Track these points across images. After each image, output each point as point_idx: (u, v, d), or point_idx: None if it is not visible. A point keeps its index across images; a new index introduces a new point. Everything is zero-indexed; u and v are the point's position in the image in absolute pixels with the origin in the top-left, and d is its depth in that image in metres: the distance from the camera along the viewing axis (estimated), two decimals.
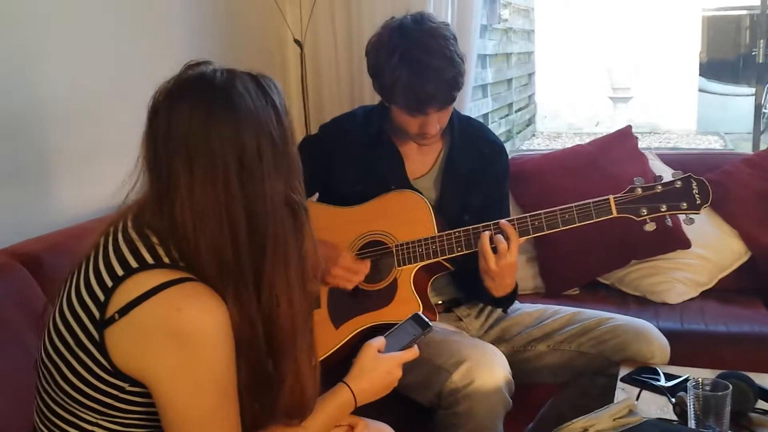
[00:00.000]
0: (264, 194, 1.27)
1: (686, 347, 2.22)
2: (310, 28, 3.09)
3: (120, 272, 1.24)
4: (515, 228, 1.97)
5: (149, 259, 1.25)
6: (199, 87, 1.28)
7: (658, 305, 2.73)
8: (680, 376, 1.92)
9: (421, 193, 2.15)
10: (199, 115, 1.25)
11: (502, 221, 1.98)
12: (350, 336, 2.09)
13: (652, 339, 2.07)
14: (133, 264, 1.24)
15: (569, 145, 5.10)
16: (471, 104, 5.40)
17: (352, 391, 1.52)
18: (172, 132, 1.25)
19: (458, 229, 2.04)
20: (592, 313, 2.19)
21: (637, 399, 1.84)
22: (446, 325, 2.17)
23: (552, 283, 2.88)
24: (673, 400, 1.74)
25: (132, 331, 1.21)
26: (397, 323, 1.76)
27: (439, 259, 2.06)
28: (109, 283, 1.24)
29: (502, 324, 2.23)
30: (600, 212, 1.96)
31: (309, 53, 3.13)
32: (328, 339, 2.08)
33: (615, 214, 1.96)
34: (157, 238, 1.27)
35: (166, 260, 1.25)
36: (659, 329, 2.17)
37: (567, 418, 2.11)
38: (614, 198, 1.96)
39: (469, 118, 2.36)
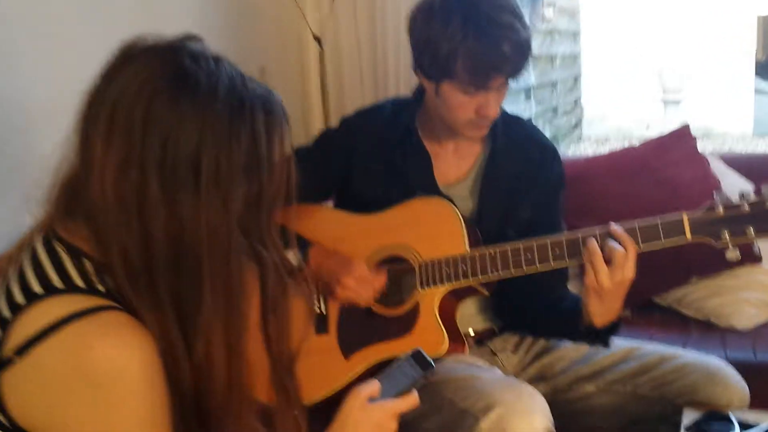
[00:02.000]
0: (207, 224, 1.03)
1: (762, 384, 1.84)
2: (330, 24, 2.86)
3: (20, 300, 1.01)
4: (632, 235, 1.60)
5: (56, 282, 1.02)
6: (170, 58, 1.04)
7: (725, 331, 2.38)
8: (757, 425, 1.58)
9: (451, 201, 1.83)
10: (154, 88, 1.01)
11: (613, 225, 1.61)
12: (363, 369, 1.78)
13: (728, 382, 1.73)
14: (36, 288, 1.01)
15: None
16: (513, 108, 5.17)
17: None
18: (108, 92, 1.03)
19: (494, 246, 1.72)
20: (652, 349, 1.85)
21: None
22: (477, 360, 1.83)
23: None
24: None
25: (34, 375, 0.98)
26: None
27: (470, 282, 1.74)
28: (7, 315, 1.01)
29: (543, 359, 1.90)
30: (670, 234, 1.61)
31: (329, 51, 2.90)
32: (337, 371, 1.78)
33: (689, 238, 1.60)
34: (67, 250, 1.04)
35: (79, 282, 1.03)
36: (728, 361, 1.82)
37: None
38: (689, 218, 1.60)
39: (517, 117, 2.02)
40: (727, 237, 1.58)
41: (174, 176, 1.01)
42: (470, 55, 1.68)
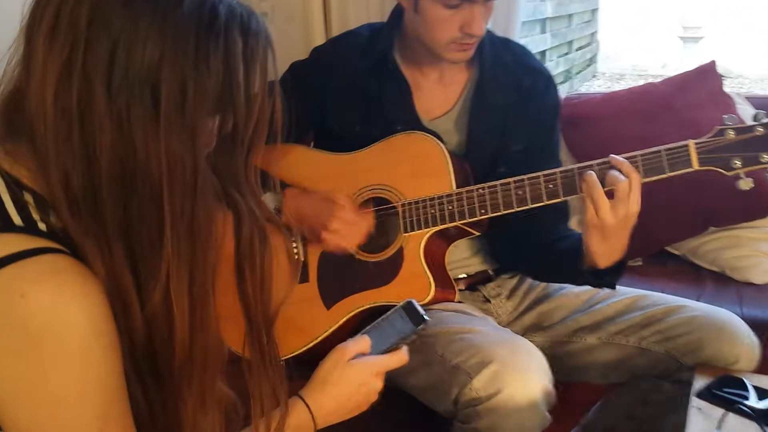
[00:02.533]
0: (168, 153, 0.88)
1: None
2: None
3: None
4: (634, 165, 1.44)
5: None
6: None
7: (742, 285, 2.22)
8: None
9: (437, 135, 1.66)
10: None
11: (614, 156, 1.45)
12: (344, 319, 1.63)
13: (737, 337, 1.58)
14: None
15: None
16: (527, 39, 4.94)
17: (309, 410, 1.12)
18: None
19: (483, 185, 1.56)
20: (659, 298, 1.69)
21: (719, 427, 1.37)
22: (469, 309, 1.69)
23: None
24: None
25: None
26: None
27: (457, 223, 1.58)
28: None
29: (540, 307, 1.75)
30: (675, 164, 1.44)
31: (278, 28, 2.60)
32: (318, 321, 1.64)
33: (696, 167, 1.44)
34: (4, 181, 0.90)
35: (16, 219, 0.87)
36: (743, 318, 1.68)
37: (622, 431, 1.69)
38: (696, 144, 1.44)
39: (507, 40, 1.83)
40: (739, 164, 1.42)
41: (125, 90, 0.86)
42: None
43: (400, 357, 1.17)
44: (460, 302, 1.69)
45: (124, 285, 0.90)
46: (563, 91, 3.81)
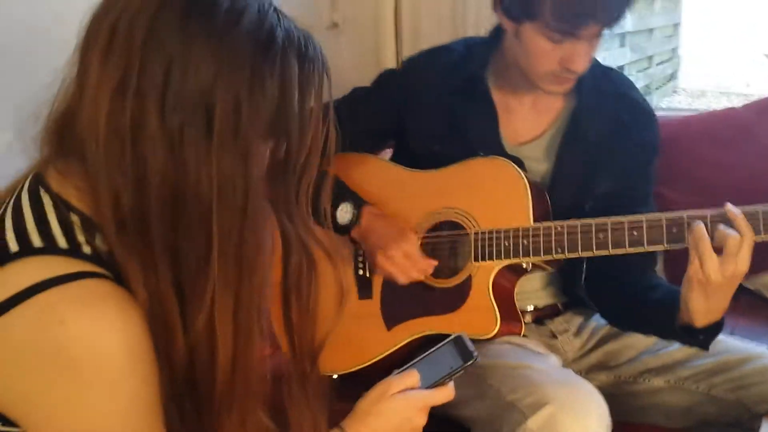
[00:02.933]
0: (220, 176, 0.87)
1: None
2: (347, 6, 2.59)
3: None
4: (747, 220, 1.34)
5: (35, 239, 0.86)
6: None
7: None
8: None
9: (520, 161, 1.61)
10: (161, 3, 0.87)
11: (730, 206, 1.35)
12: (404, 343, 1.61)
13: None
14: (12, 245, 0.86)
15: (715, 105, 4.42)
16: (605, 54, 4.83)
17: None
18: (112, 8, 0.88)
19: (562, 223, 1.49)
20: (733, 345, 1.61)
21: None
22: (534, 344, 1.64)
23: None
24: None
25: (1, 349, 0.83)
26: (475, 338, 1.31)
27: (531, 260, 1.53)
28: None
29: (608, 346, 1.68)
30: None
31: (348, 38, 2.61)
32: (377, 342, 1.62)
33: None
34: (53, 201, 0.90)
35: (61, 241, 0.87)
36: None
37: None
38: None
39: (609, 69, 1.74)
40: None
41: (179, 110, 0.86)
42: None
43: (446, 393, 1.14)
44: (525, 336, 1.64)
45: (169, 308, 0.89)
46: None
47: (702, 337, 1.47)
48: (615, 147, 1.63)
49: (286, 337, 1.06)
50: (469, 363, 1.13)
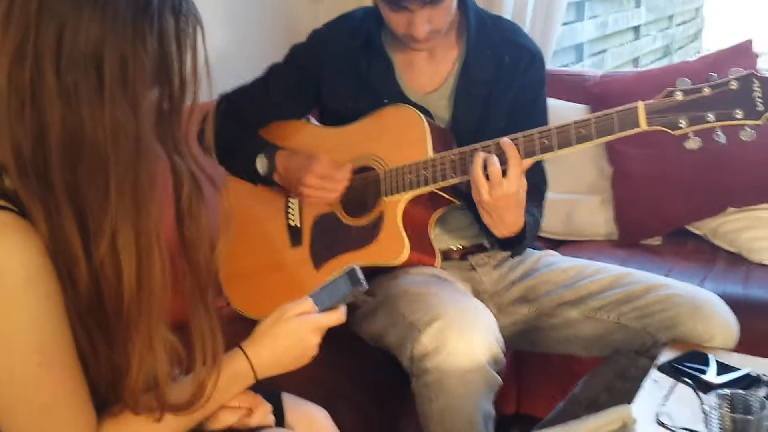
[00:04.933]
0: (113, 124, 0.99)
1: None
2: None
3: None
4: (518, 147, 1.54)
5: None
6: None
7: (753, 266, 2.18)
8: (738, 369, 1.45)
9: (426, 110, 1.74)
10: None
11: (502, 139, 1.56)
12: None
13: (712, 315, 1.59)
14: None
15: None
16: (617, 15, 4.78)
17: (248, 359, 1.20)
18: None
19: (453, 151, 1.63)
20: (642, 277, 1.72)
21: (666, 398, 1.39)
22: (448, 275, 1.76)
23: (628, 229, 2.38)
24: (706, 407, 1.27)
25: None
26: (387, 264, 1.54)
27: (431, 188, 1.65)
28: None
29: (528, 281, 1.79)
30: (625, 124, 1.49)
31: (328, 8, 2.67)
32: (307, 281, 1.74)
33: (644, 127, 1.48)
34: None
35: None
36: (744, 298, 1.67)
37: (601, 403, 1.72)
38: (645, 105, 1.48)
39: (498, 17, 1.89)
40: (684, 124, 1.45)
41: (72, 69, 0.97)
42: None
43: (337, 316, 1.24)
44: (442, 269, 1.75)
45: (71, 240, 1.00)
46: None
47: (505, 246, 1.72)
48: (501, 88, 1.77)
49: (184, 255, 1.15)
50: (357, 288, 1.23)
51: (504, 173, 1.52)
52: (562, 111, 2.45)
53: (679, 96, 1.46)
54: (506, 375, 1.99)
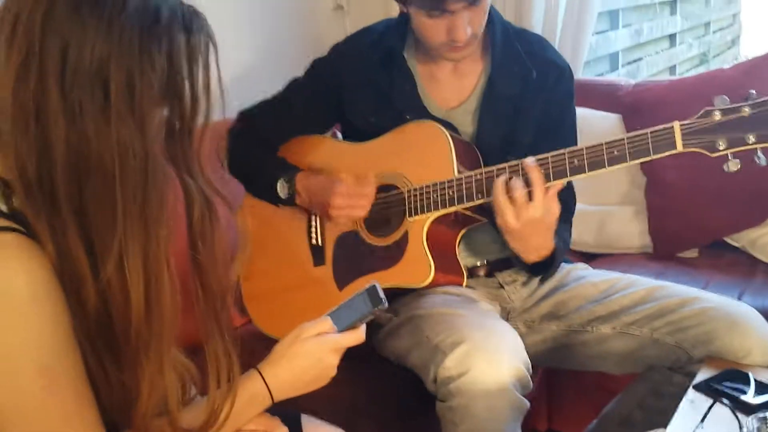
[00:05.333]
0: (119, 143, 0.97)
1: None
2: None
3: None
4: (542, 170, 1.50)
5: None
6: None
7: None
8: None
9: (451, 125, 1.70)
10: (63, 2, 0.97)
11: (526, 160, 1.51)
12: None
13: (750, 330, 1.53)
14: None
15: None
16: (652, 23, 4.70)
17: (264, 381, 1.18)
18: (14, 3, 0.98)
19: (478, 170, 1.59)
20: (676, 290, 1.66)
21: (703, 420, 1.33)
22: (477, 294, 1.71)
23: (663, 241, 2.31)
24: (745, 430, 1.22)
25: None
26: (413, 287, 1.53)
27: (457, 208, 1.61)
28: None
29: (557, 296, 1.74)
30: (660, 146, 1.44)
31: (355, 20, 2.66)
32: (330, 302, 1.68)
33: (680, 149, 1.43)
34: None
35: None
36: None
37: (634, 421, 1.67)
38: (681, 126, 1.42)
39: (523, 31, 1.85)
40: (723, 146, 1.40)
41: (77, 87, 0.96)
42: None
43: (356, 336, 1.21)
44: (470, 287, 1.71)
45: (77, 259, 0.99)
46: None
47: (534, 271, 1.68)
48: (528, 103, 1.73)
49: (197, 278, 1.13)
50: (378, 307, 1.20)
51: (529, 196, 1.48)
52: (593, 120, 2.42)
53: (717, 116, 1.40)
54: (538, 392, 1.97)
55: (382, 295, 1.21)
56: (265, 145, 1.84)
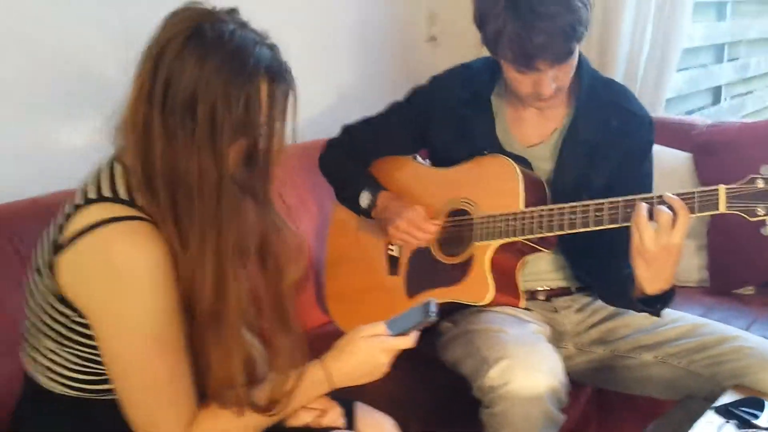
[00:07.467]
0: (199, 167, 1.21)
1: None
2: (445, 21, 2.83)
3: (79, 201, 1.25)
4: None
5: (106, 192, 1.24)
6: (196, 18, 1.23)
7: None
8: None
9: (527, 162, 1.88)
10: (171, 36, 1.21)
11: (666, 193, 1.57)
12: None
13: None
14: (91, 194, 1.24)
15: None
16: (759, 58, 4.52)
17: (326, 371, 1.38)
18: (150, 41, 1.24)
19: (543, 208, 1.75)
20: (718, 328, 1.81)
21: None
22: (530, 316, 1.89)
23: (721, 278, 2.43)
24: None
25: (75, 260, 1.21)
26: (473, 305, 1.71)
27: (519, 239, 1.79)
28: (69, 210, 1.25)
29: (608, 323, 1.91)
30: (704, 206, 1.56)
31: (445, 51, 2.83)
32: (399, 306, 1.89)
33: (722, 210, 1.55)
34: (123, 167, 1.26)
35: (123, 194, 1.24)
36: None
37: None
38: (726, 190, 1.55)
39: (610, 81, 2.00)
40: (762, 213, 1.51)
41: (172, 115, 1.19)
42: (510, 42, 1.71)
43: (406, 341, 1.39)
44: (528, 309, 1.90)
45: (175, 247, 1.23)
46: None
47: (654, 304, 1.68)
48: (607, 150, 1.87)
49: (265, 287, 1.36)
50: (428, 318, 1.38)
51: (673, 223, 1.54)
52: (663, 156, 2.46)
53: (760, 184, 1.52)
54: (587, 411, 2.10)
55: (434, 309, 1.39)
56: (359, 157, 2.07)
